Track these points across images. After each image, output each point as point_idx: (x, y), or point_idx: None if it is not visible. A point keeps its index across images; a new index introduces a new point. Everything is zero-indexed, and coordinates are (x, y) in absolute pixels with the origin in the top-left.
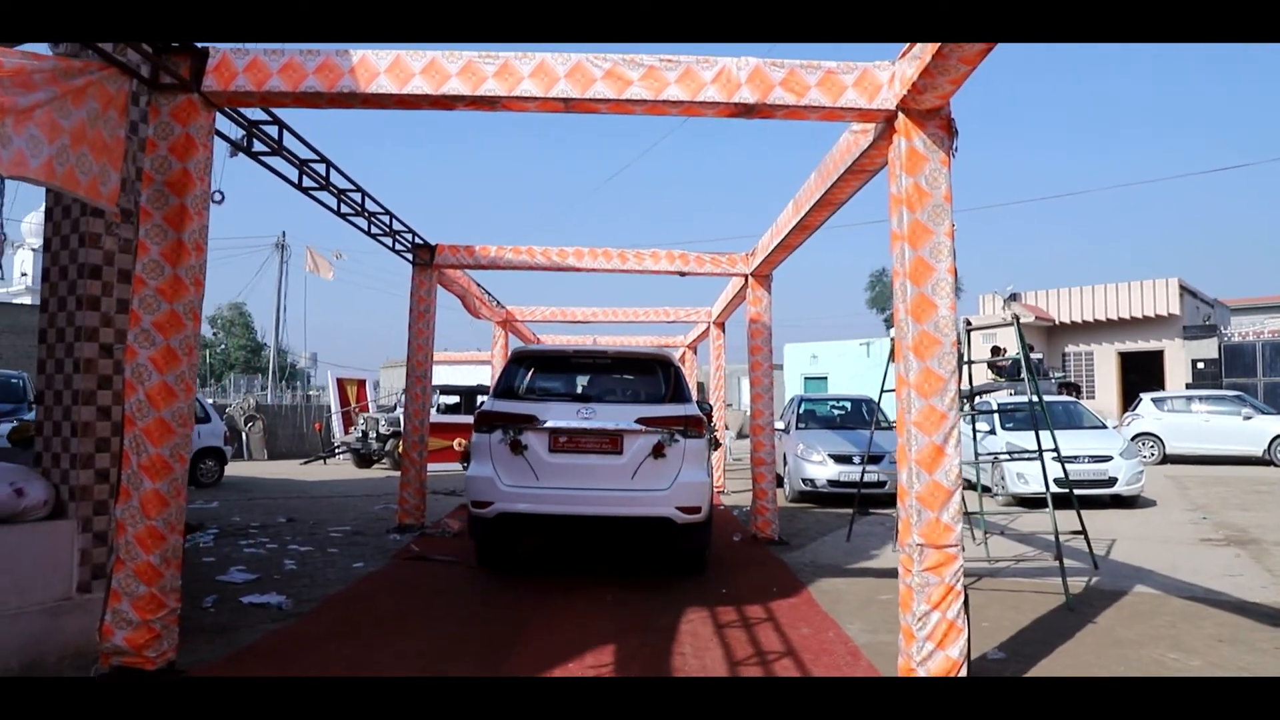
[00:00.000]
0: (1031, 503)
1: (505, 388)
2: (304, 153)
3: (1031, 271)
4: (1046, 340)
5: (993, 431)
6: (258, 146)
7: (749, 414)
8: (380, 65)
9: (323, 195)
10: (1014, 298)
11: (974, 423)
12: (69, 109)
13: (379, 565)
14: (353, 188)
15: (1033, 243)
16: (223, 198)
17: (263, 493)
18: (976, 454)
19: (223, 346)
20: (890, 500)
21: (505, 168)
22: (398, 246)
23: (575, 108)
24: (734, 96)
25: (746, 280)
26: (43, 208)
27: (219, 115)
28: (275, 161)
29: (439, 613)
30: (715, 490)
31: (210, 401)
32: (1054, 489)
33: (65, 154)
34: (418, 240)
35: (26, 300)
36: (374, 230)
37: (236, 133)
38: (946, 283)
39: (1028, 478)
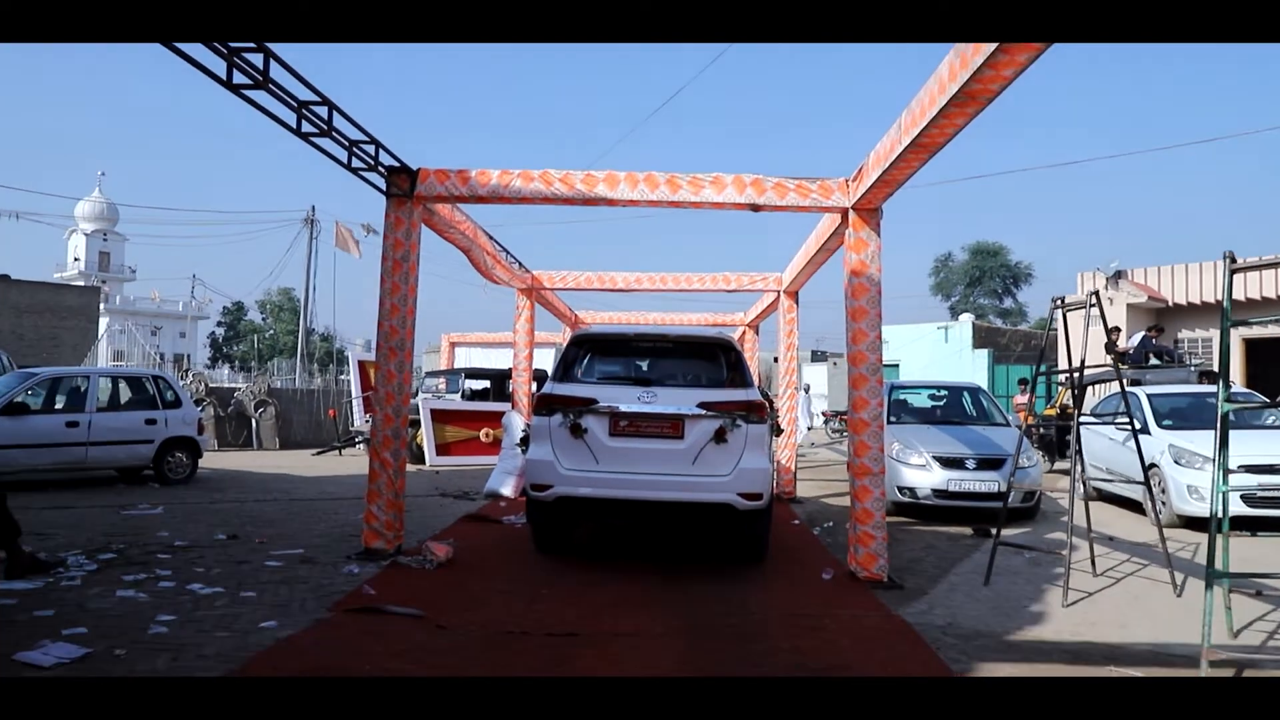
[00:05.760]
0: (1203, 525)
1: (565, 371)
2: None
3: (1140, 244)
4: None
5: (1144, 430)
6: None
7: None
8: None
9: (203, 56)
10: (1119, 275)
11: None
12: None
13: (300, 626)
14: (250, 45)
15: (1140, 208)
16: None
17: (238, 492)
18: (1143, 461)
19: (270, 332)
20: (1014, 516)
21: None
22: (356, 164)
23: None
24: None
25: (845, 217)
26: (95, 191)
27: None
28: None
29: None
30: (786, 493)
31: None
32: (1242, 509)
33: None
34: (389, 161)
35: (80, 284)
36: (305, 129)
37: None
38: None
39: (1203, 492)
